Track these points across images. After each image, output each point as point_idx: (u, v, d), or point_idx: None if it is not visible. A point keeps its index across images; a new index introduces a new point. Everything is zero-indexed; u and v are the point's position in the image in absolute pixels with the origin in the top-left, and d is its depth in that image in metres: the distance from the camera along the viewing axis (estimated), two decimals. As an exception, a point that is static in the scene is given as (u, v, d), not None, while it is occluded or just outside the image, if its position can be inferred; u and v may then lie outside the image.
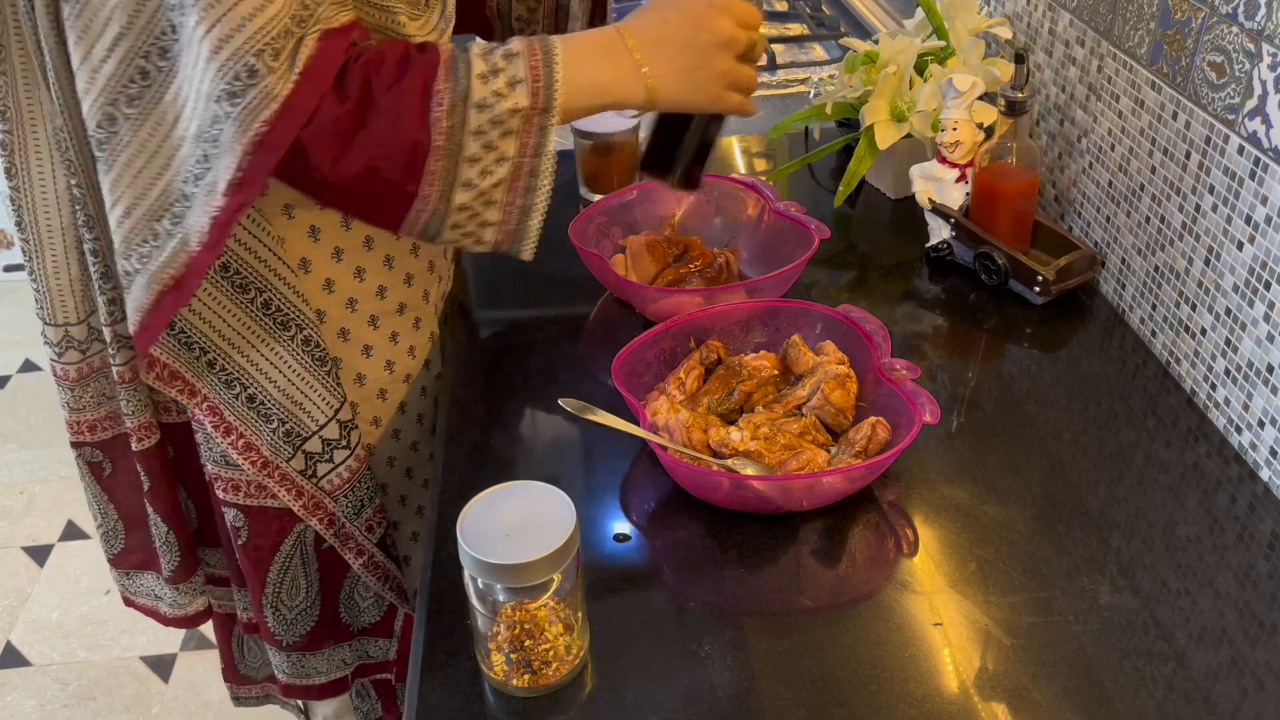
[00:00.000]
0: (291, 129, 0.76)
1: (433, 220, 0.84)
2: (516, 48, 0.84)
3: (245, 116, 0.75)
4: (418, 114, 0.80)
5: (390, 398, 1.02)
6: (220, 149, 0.76)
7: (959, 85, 1.10)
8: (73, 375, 1.00)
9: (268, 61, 0.74)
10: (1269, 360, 0.87)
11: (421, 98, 0.80)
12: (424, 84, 0.80)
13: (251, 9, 0.73)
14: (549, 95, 0.83)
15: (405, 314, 1.00)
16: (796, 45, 1.67)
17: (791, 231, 1.10)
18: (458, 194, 0.83)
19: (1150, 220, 1.02)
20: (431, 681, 0.73)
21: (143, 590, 1.15)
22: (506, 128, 0.83)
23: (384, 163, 0.80)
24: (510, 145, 0.83)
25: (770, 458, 0.85)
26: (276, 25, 0.74)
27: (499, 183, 0.84)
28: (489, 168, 0.83)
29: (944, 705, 0.70)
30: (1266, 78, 0.84)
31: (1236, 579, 0.79)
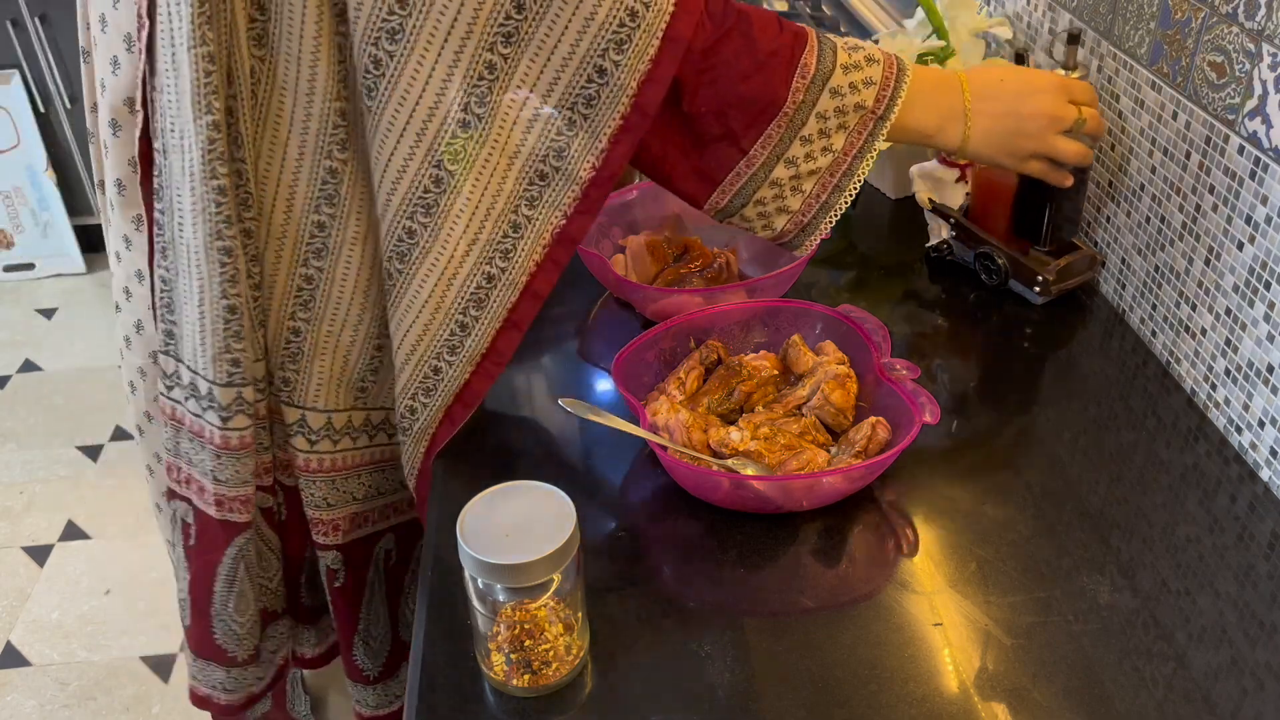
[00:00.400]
0: (675, 57, 0.79)
1: (745, 188, 0.87)
2: (876, 54, 0.88)
3: (633, 60, 0.78)
4: (784, 74, 0.83)
5: None
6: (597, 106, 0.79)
7: (959, 85, 1.10)
8: (234, 443, 0.93)
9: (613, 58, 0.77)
10: (1269, 360, 0.87)
11: (790, 60, 0.83)
12: (795, 48, 0.84)
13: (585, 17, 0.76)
14: (890, 105, 0.88)
15: None
16: (796, 45, 1.67)
17: None
18: (779, 168, 0.86)
19: (1150, 220, 1.02)
20: (431, 681, 0.73)
21: (207, 680, 1.08)
22: (845, 121, 0.87)
23: (736, 108, 0.84)
24: (840, 140, 0.87)
25: (770, 458, 0.85)
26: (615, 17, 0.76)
27: (815, 171, 0.88)
28: (814, 153, 0.87)
29: (944, 705, 0.70)
30: (1266, 78, 0.84)
31: (1236, 579, 0.79)
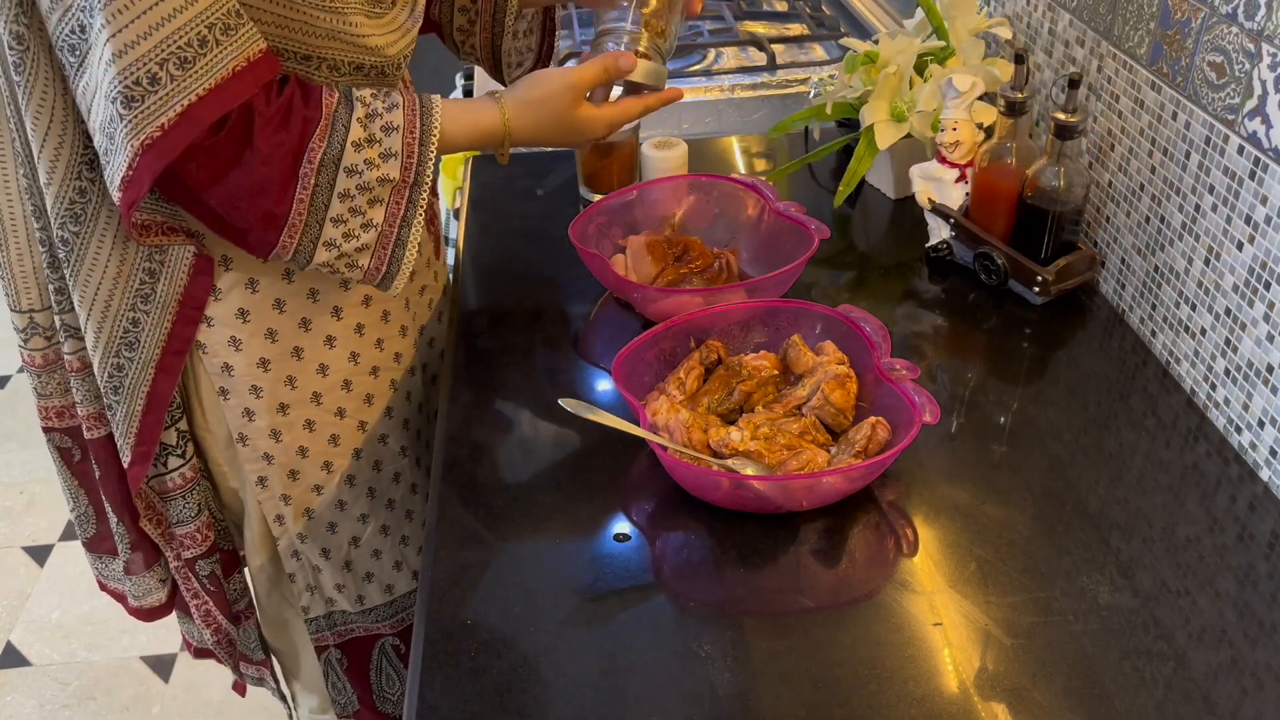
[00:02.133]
0: (184, 139, 0.77)
1: (295, 260, 0.88)
2: (397, 121, 0.87)
3: (140, 120, 0.76)
4: (288, 167, 0.83)
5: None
6: (114, 147, 0.78)
7: (959, 85, 1.10)
8: (38, 361, 1.01)
9: (170, 71, 0.76)
10: (1269, 360, 0.87)
11: (295, 151, 0.83)
12: (301, 138, 0.83)
13: (159, 18, 0.74)
14: (420, 170, 0.89)
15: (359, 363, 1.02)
16: (796, 45, 1.67)
17: (791, 231, 1.09)
18: (320, 251, 0.87)
19: (1150, 220, 1.02)
20: (431, 681, 0.73)
21: (113, 575, 1.15)
22: (374, 195, 0.87)
23: (248, 204, 0.83)
24: (378, 213, 0.88)
25: (770, 458, 0.85)
26: (183, 36, 0.75)
27: (364, 247, 0.88)
28: (354, 231, 0.87)
29: (944, 705, 0.70)
30: (1266, 78, 0.84)
31: (1236, 579, 0.79)
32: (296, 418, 1.00)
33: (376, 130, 0.86)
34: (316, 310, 0.97)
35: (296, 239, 0.85)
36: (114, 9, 0.74)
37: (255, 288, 0.94)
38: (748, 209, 1.16)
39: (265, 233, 0.85)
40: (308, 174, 0.83)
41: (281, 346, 0.97)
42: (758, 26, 1.79)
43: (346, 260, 0.88)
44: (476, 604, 0.79)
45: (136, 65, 0.75)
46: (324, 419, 1.01)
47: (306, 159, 0.83)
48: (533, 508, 0.88)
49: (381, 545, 1.11)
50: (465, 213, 1.32)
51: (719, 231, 1.17)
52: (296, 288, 0.95)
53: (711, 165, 1.42)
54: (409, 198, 0.89)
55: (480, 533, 0.85)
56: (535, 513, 0.87)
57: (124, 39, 0.74)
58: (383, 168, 0.87)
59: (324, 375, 1.00)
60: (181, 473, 1.00)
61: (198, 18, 0.76)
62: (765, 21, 1.81)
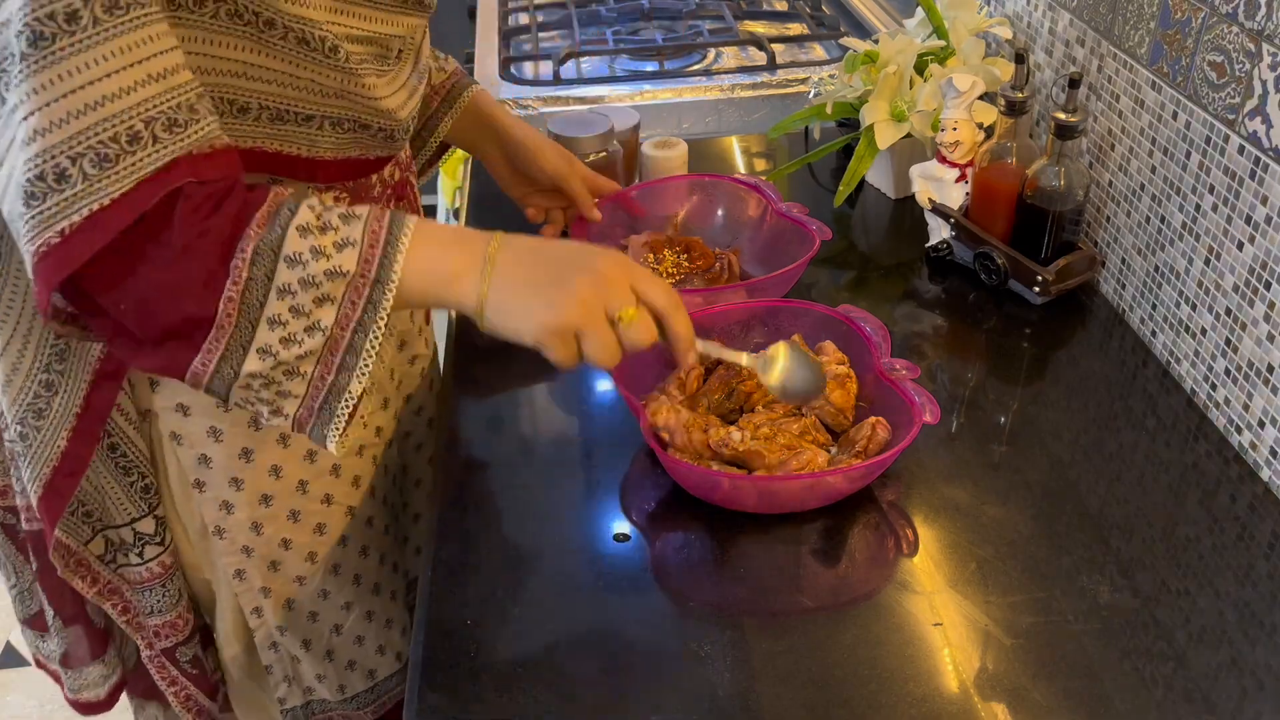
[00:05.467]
0: (88, 248, 0.65)
1: (218, 377, 0.71)
2: (361, 210, 0.73)
3: (37, 222, 0.64)
4: (216, 259, 0.68)
5: None
6: (21, 240, 0.67)
7: (959, 85, 1.10)
8: None
9: (85, 168, 0.63)
10: (1269, 360, 0.87)
11: (228, 240, 0.68)
12: (235, 224, 0.69)
13: (81, 106, 0.63)
14: (384, 268, 0.71)
15: None
16: (796, 45, 1.67)
17: (793, 232, 1.09)
18: (250, 359, 0.70)
19: (1150, 220, 1.02)
20: (431, 682, 0.73)
21: (52, 655, 1.04)
22: (322, 293, 0.70)
23: (164, 307, 0.68)
24: (327, 314, 0.71)
25: (770, 458, 0.85)
26: (111, 128, 0.64)
27: (307, 354, 0.71)
28: (296, 335, 0.70)
29: (944, 705, 0.70)
30: (1266, 78, 0.84)
31: (1236, 579, 0.79)
32: (280, 509, 0.92)
33: (334, 216, 0.71)
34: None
35: (221, 347, 0.69)
36: (41, 80, 0.62)
37: None
38: (750, 209, 1.16)
39: (181, 341, 0.69)
40: (239, 266, 0.68)
41: (266, 434, 0.88)
42: (758, 26, 1.79)
43: (285, 369, 0.71)
44: (476, 604, 0.78)
45: (44, 157, 0.63)
46: (310, 507, 0.94)
47: (239, 249, 0.68)
48: (533, 508, 0.88)
49: (365, 631, 1.03)
50: (465, 212, 1.32)
51: (721, 231, 1.17)
52: None
53: (711, 165, 1.42)
54: (368, 297, 0.71)
55: (480, 533, 0.85)
56: (535, 513, 0.87)
57: (45, 118, 0.62)
58: (335, 258, 0.70)
59: (311, 461, 0.92)
60: (161, 560, 0.92)
61: (138, 107, 0.64)
62: (765, 21, 1.81)
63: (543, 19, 1.81)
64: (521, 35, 1.76)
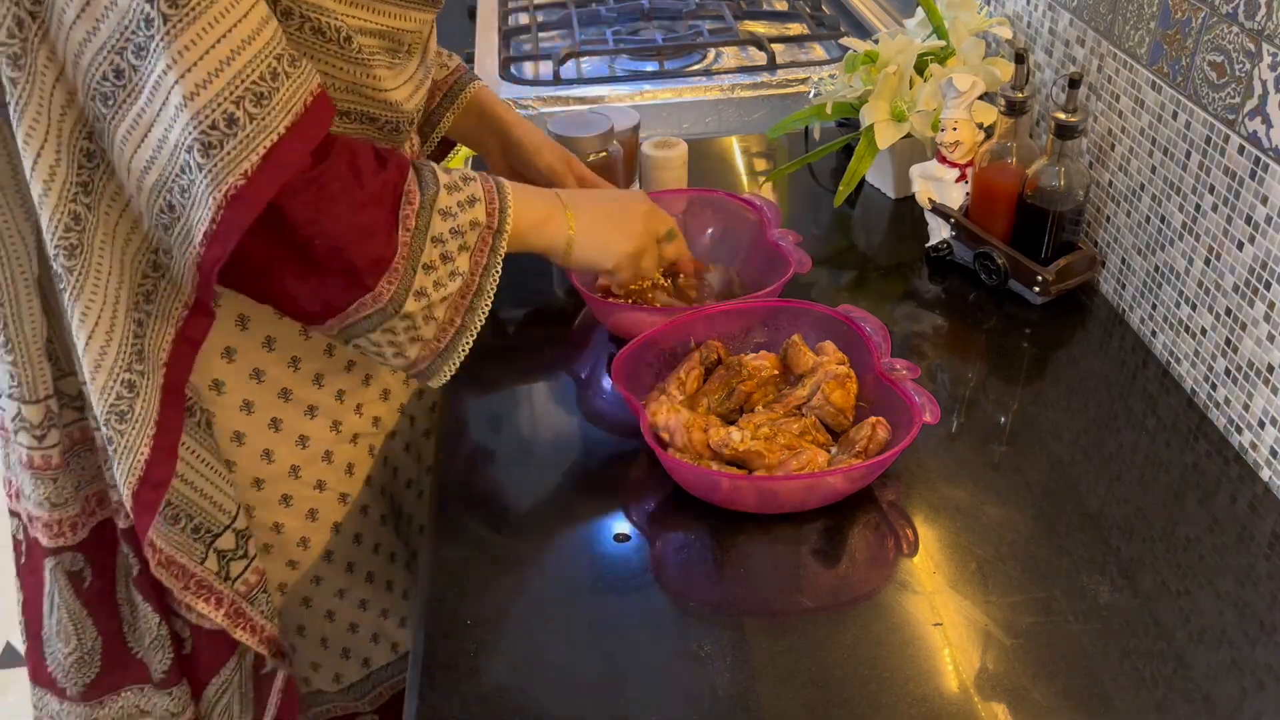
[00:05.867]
0: (272, 184, 0.71)
1: (368, 321, 0.80)
2: (470, 173, 0.86)
3: (219, 169, 0.69)
4: (392, 208, 0.79)
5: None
6: (190, 200, 0.71)
7: (959, 85, 1.10)
8: (55, 461, 0.88)
9: (248, 109, 0.69)
10: (1269, 360, 0.87)
11: (395, 193, 0.79)
12: (399, 179, 0.80)
13: (228, 52, 0.68)
14: (503, 217, 0.85)
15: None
16: (796, 45, 1.67)
17: (784, 257, 1.06)
18: (409, 301, 0.80)
19: (1150, 220, 1.02)
20: (431, 681, 0.73)
21: (125, 715, 0.99)
22: (464, 241, 0.83)
23: (354, 245, 0.77)
24: (465, 260, 0.83)
25: (770, 458, 0.85)
26: (256, 70, 0.69)
27: (446, 298, 0.83)
28: (443, 279, 0.82)
29: (944, 705, 0.70)
30: (1266, 78, 0.84)
31: (1236, 579, 0.79)
32: (272, 493, 0.93)
33: (457, 177, 0.84)
34: (298, 379, 0.91)
35: (395, 286, 0.79)
36: (179, 47, 0.66)
37: (232, 357, 0.87)
38: (749, 227, 1.13)
39: (366, 277, 0.78)
40: (408, 216, 0.79)
41: (259, 417, 0.90)
42: (758, 26, 1.79)
43: (426, 312, 0.82)
44: (476, 604, 0.79)
45: (212, 106, 0.68)
46: (303, 493, 0.95)
47: (406, 200, 0.79)
48: (532, 508, 0.88)
49: (359, 619, 1.04)
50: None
51: (719, 246, 1.15)
52: (277, 355, 0.89)
53: (711, 165, 1.42)
54: (492, 245, 0.85)
55: (480, 533, 0.85)
56: (535, 513, 0.87)
57: (194, 79, 0.67)
58: (471, 211, 0.83)
59: (303, 447, 0.93)
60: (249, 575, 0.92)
61: (265, 49, 0.69)
62: (765, 21, 1.81)
63: (543, 19, 1.81)
64: (521, 35, 1.76)
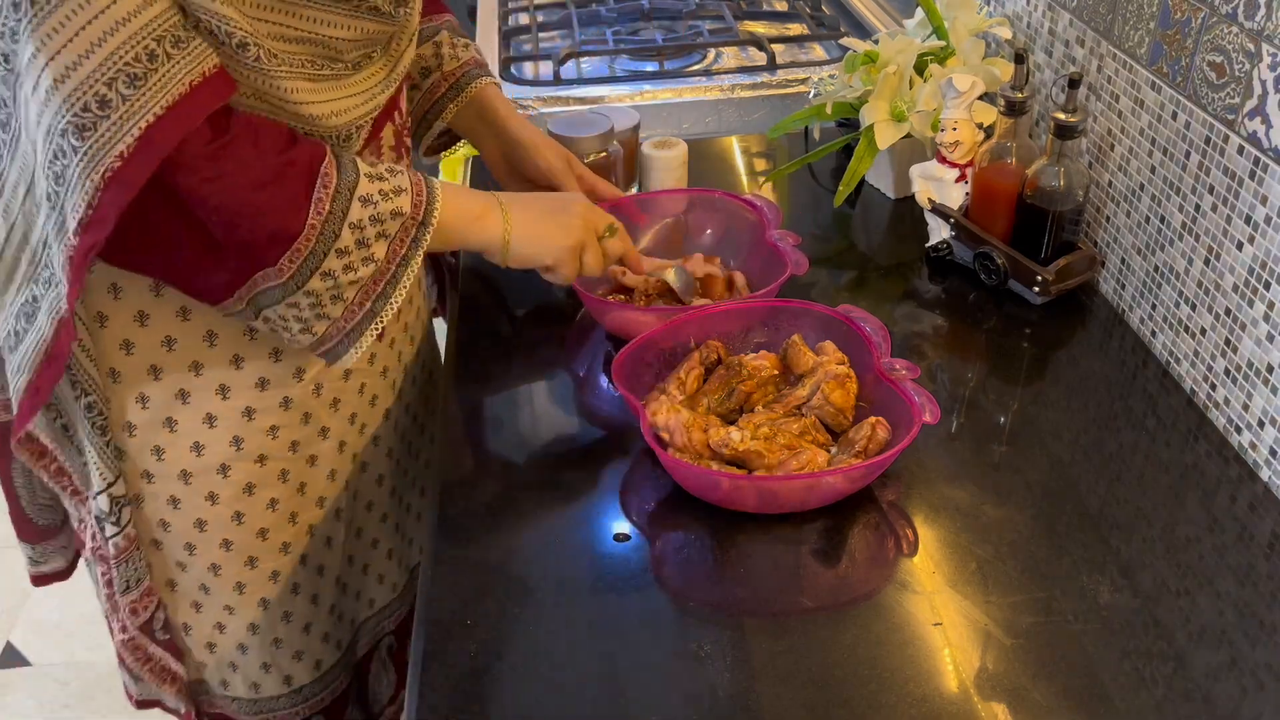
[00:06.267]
0: (148, 165, 0.69)
1: (270, 295, 0.79)
2: (398, 167, 0.85)
3: (94, 150, 0.68)
4: (303, 188, 0.77)
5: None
6: (65, 186, 0.70)
7: (959, 85, 1.10)
8: None
9: (120, 90, 0.67)
10: (1269, 360, 0.87)
11: (307, 173, 0.78)
12: (312, 161, 0.78)
13: (100, 33, 0.66)
14: (428, 210, 0.84)
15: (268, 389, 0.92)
16: (796, 45, 1.67)
17: (781, 258, 1.05)
18: (313, 280, 0.79)
19: (1150, 220, 1.02)
20: (431, 682, 0.73)
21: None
22: (384, 229, 0.82)
23: (252, 220, 0.76)
24: (382, 248, 0.82)
25: (770, 458, 0.85)
26: (130, 50, 0.67)
27: (356, 281, 0.82)
28: (354, 264, 0.81)
29: (944, 705, 0.70)
30: (1266, 78, 0.84)
31: (1236, 579, 0.79)
32: (199, 487, 0.92)
33: (383, 169, 0.83)
34: (238, 378, 0.89)
35: (297, 264, 0.78)
36: (46, 30, 0.66)
37: (172, 346, 0.86)
38: (748, 227, 1.13)
39: (266, 252, 0.77)
40: (322, 199, 0.78)
41: (221, 432, 0.90)
42: (758, 26, 1.79)
43: (334, 292, 0.81)
44: (476, 604, 0.79)
45: (83, 89, 0.67)
46: (228, 492, 0.93)
47: (321, 183, 0.78)
48: (533, 508, 0.88)
49: (283, 634, 1.01)
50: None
51: (721, 246, 1.15)
52: (219, 352, 0.87)
53: (711, 165, 1.42)
54: (414, 236, 0.84)
55: (480, 532, 0.85)
56: (535, 513, 0.87)
57: (63, 61, 0.66)
58: (395, 200, 0.82)
59: (237, 448, 0.92)
60: (126, 534, 0.91)
61: (143, 30, 0.68)
62: (765, 21, 1.81)
63: (543, 19, 1.81)
64: (521, 35, 1.76)
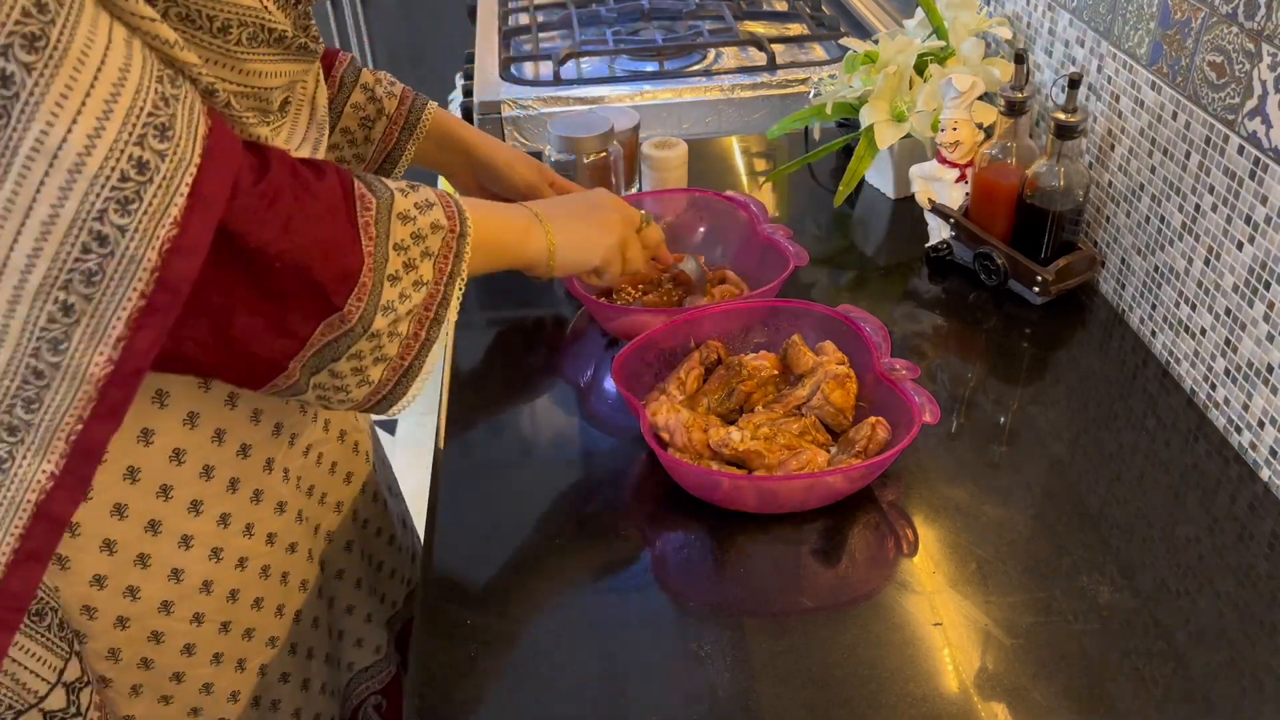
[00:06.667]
0: (208, 224, 0.59)
1: (335, 347, 0.69)
2: (412, 182, 0.77)
3: (146, 224, 0.57)
4: (346, 216, 0.69)
5: None
6: (102, 285, 0.57)
7: (959, 85, 1.10)
8: None
9: (154, 146, 0.57)
10: (1269, 360, 0.87)
11: (346, 199, 0.69)
12: (344, 186, 0.69)
13: (110, 89, 0.55)
14: (462, 219, 0.76)
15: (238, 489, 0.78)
16: (796, 45, 1.67)
17: (778, 253, 1.06)
18: (378, 318, 0.70)
19: (1150, 220, 1.02)
20: (431, 682, 0.73)
21: None
22: (427, 247, 0.73)
23: (317, 260, 0.66)
24: (429, 268, 0.74)
25: (770, 458, 0.86)
26: (147, 99, 0.57)
27: (412, 310, 0.73)
28: (408, 291, 0.72)
29: (944, 705, 0.70)
30: (1266, 78, 0.84)
31: (1236, 579, 0.79)
32: (140, 631, 0.76)
33: (405, 184, 0.75)
34: (169, 510, 0.74)
35: (364, 302, 0.69)
36: (55, 97, 0.53)
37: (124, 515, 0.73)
38: (739, 226, 1.13)
39: (334, 296, 0.68)
40: (367, 224, 0.69)
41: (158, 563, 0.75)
42: (758, 26, 1.79)
43: (391, 329, 0.72)
44: (476, 604, 0.79)
45: (114, 156, 0.56)
46: (177, 628, 0.78)
47: (361, 206, 0.69)
48: (532, 508, 0.88)
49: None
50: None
51: (711, 245, 1.15)
52: (141, 487, 0.72)
53: (711, 165, 1.42)
54: (457, 250, 0.75)
55: (480, 532, 0.85)
56: (535, 513, 0.87)
57: (84, 130, 0.54)
58: (430, 213, 0.74)
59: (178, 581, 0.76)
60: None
61: (144, 72, 0.57)
62: (765, 21, 1.81)
63: (543, 19, 1.81)
64: (521, 35, 1.76)
